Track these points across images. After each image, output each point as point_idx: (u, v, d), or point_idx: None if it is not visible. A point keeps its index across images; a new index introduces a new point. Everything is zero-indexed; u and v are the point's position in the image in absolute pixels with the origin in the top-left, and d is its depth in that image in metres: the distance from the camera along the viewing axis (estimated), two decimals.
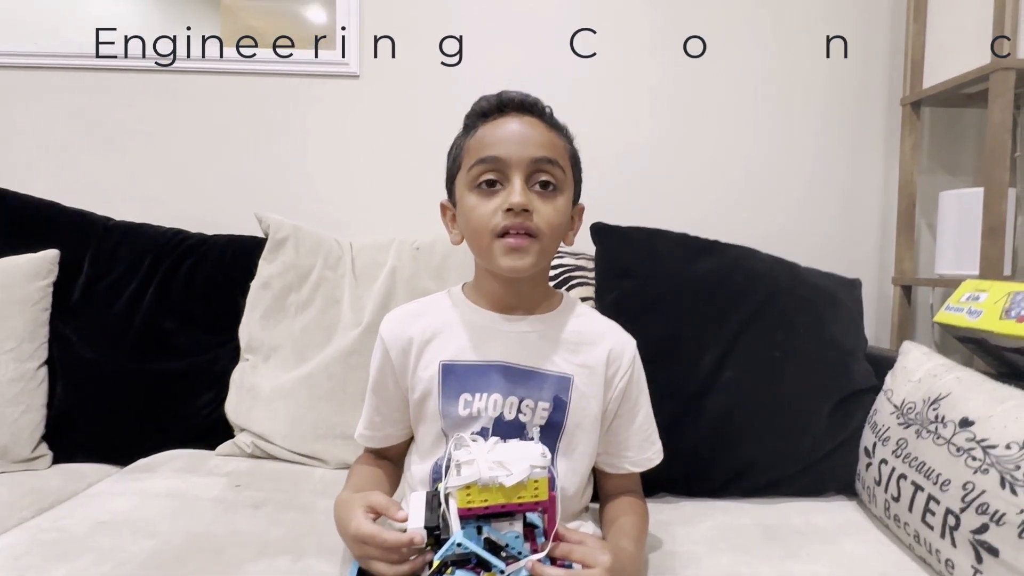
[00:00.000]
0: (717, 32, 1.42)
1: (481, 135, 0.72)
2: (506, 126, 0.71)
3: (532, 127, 0.72)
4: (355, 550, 0.63)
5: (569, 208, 0.75)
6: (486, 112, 0.74)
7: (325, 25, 1.43)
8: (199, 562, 0.73)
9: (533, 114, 0.73)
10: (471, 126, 0.75)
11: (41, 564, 0.71)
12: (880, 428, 0.93)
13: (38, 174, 1.39)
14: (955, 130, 1.46)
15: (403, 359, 0.76)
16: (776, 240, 1.22)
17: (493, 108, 0.73)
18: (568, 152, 0.75)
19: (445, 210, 0.79)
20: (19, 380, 1.06)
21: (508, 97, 0.73)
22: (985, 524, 0.68)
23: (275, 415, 1.08)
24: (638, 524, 0.75)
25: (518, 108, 0.73)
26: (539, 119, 0.73)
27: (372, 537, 0.60)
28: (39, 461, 1.06)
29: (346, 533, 0.65)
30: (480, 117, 0.74)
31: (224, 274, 1.20)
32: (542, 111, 0.74)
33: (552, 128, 0.74)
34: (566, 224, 0.75)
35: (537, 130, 0.72)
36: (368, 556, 0.61)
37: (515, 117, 0.72)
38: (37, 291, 1.11)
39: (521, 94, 0.73)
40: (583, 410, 0.75)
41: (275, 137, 1.43)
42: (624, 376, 0.77)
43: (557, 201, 0.72)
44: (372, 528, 0.61)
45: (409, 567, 0.60)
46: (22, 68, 1.40)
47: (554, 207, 0.71)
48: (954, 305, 0.96)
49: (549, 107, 0.75)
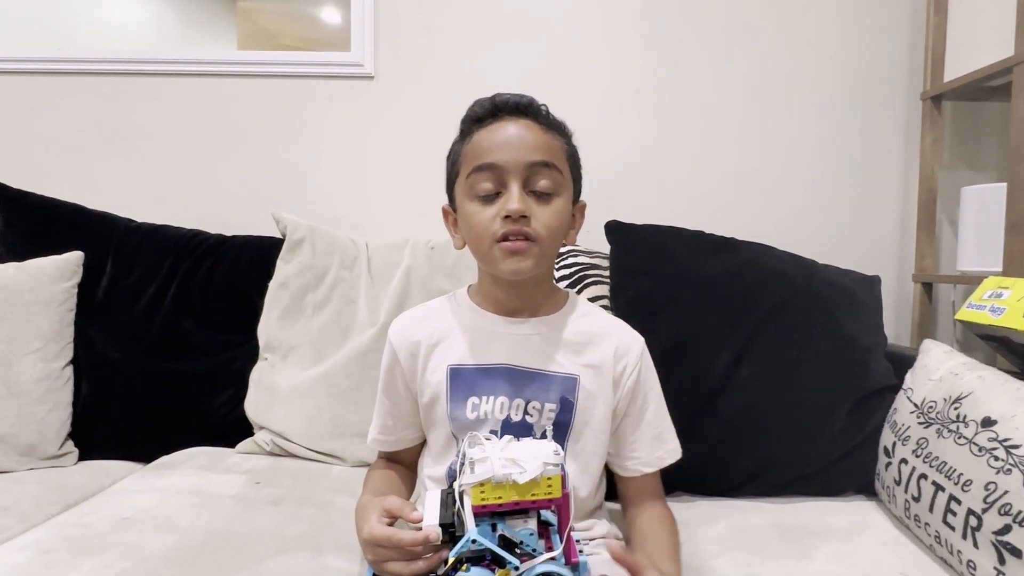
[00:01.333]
0: (735, 26, 1.41)
1: (477, 140, 0.71)
2: (501, 131, 0.71)
3: (527, 129, 0.71)
4: (370, 554, 0.63)
5: (568, 209, 0.74)
6: (481, 117, 0.73)
7: (340, 27, 1.44)
8: (219, 558, 0.74)
9: (528, 116, 0.72)
10: (466, 132, 0.74)
11: (67, 559, 0.73)
12: (900, 427, 0.91)
13: (62, 177, 1.42)
14: (977, 124, 1.43)
15: (411, 362, 0.77)
16: (793, 237, 1.22)
17: (487, 112, 0.72)
18: (566, 152, 0.74)
19: (447, 215, 0.79)
20: (46, 379, 1.09)
21: (502, 100, 0.72)
22: (1008, 525, 0.67)
23: (293, 413, 1.10)
24: (673, 541, 0.74)
25: (513, 111, 0.72)
26: (534, 120, 0.72)
27: (387, 539, 0.60)
28: (65, 458, 1.09)
29: (361, 537, 0.65)
30: (475, 122, 0.73)
31: (242, 275, 1.21)
32: (537, 112, 0.73)
33: (548, 129, 0.73)
34: (566, 225, 0.74)
35: (532, 132, 0.71)
36: (383, 559, 0.61)
37: (510, 120, 0.71)
38: (62, 292, 1.14)
39: (515, 96, 0.72)
40: (591, 410, 0.75)
41: (291, 139, 1.45)
42: (632, 374, 0.77)
43: (555, 204, 0.71)
44: (386, 530, 0.61)
45: (425, 565, 0.60)
46: (44, 74, 1.44)
47: (552, 211, 0.70)
48: (976, 302, 0.95)
49: (545, 106, 0.74)
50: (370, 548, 0.63)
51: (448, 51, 1.42)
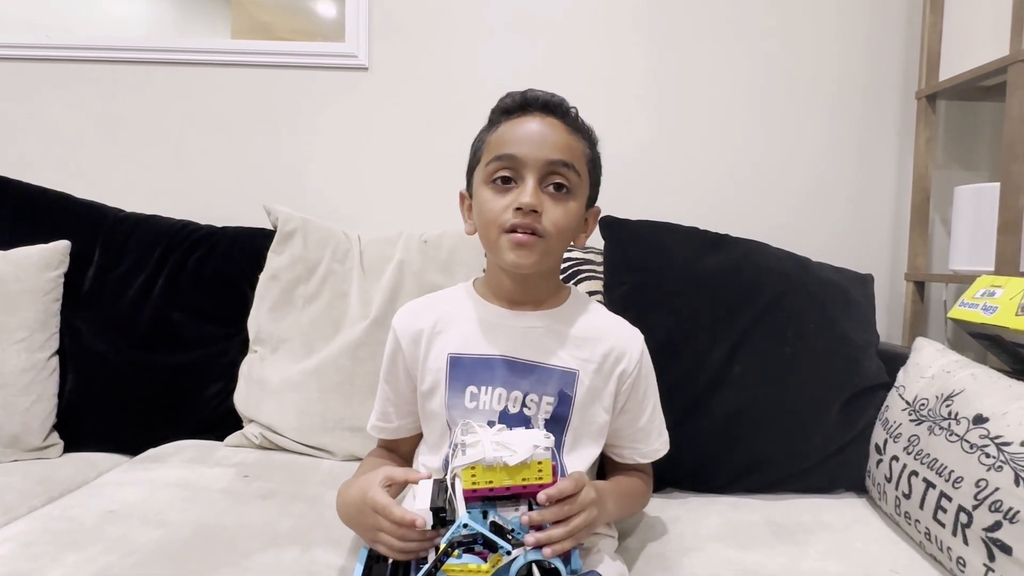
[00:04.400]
0: (729, 23, 1.41)
1: (502, 132, 0.73)
2: (526, 125, 0.72)
3: (552, 128, 0.72)
4: (368, 521, 0.62)
5: (581, 211, 0.75)
6: (509, 109, 0.74)
7: (335, 19, 1.42)
8: (208, 552, 0.73)
9: (556, 115, 0.73)
10: (495, 121, 0.75)
11: (51, 552, 0.72)
12: (891, 424, 0.92)
13: (50, 166, 1.40)
14: (971, 124, 1.43)
15: (414, 349, 0.77)
16: (787, 234, 1.21)
17: (516, 106, 0.73)
18: (586, 156, 0.75)
19: (463, 199, 0.80)
20: (30, 370, 1.07)
21: (533, 96, 0.73)
22: (998, 522, 0.67)
23: (283, 407, 1.09)
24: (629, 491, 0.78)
25: (542, 108, 0.73)
26: (561, 120, 0.73)
27: (384, 507, 0.60)
28: (50, 450, 1.08)
29: (358, 507, 0.64)
30: (503, 113, 0.74)
31: (233, 266, 1.20)
32: (565, 112, 0.74)
33: (574, 131, 0.74)
34: (576, 227, 0.75)
35: (557, 131, 0.72)
36: (379, 528, 0.61)
37: (537, 117, 0.72)
38: (48, 282, 1.12)
39: (547, 94, 0.73)
40: (589, 405, 0.75)
41: (284, 130, 1.43)
42: (633, 372, 0.77)
43: (568, 204, 0.72)
44: (386, 499, 0.61)
45: (417, 545, 0.60)
46: (34, 61, 1.41)
47: (564, 210, 0.71)
48: (969, 301, 0.95)
49: (575, 108, 0.75)
50: (369, 515, 0.62)
51: (443, 44, 1.41)
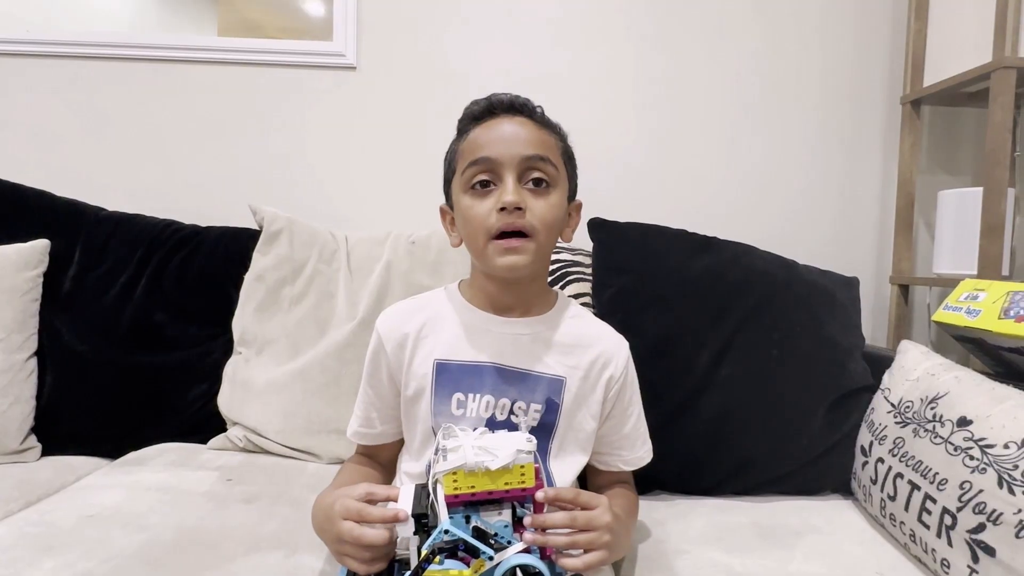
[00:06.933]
0: (715, 28, 1.42)
1: (473, 138, 0.73)
2: (497, 127, 0.72)
3: (522, 126, 0.72)
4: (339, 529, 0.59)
5: (564, 204, 0.75)
6: (477, 115, 0.74)
7: (323, 18, 1.41)
8: (190, 557, 0.72)
9: (523, 114, 0.74)
10: (463, 130, 0.75)
11: (29, 557, 0.70)
12: (877, 427, 0.92)
13: (30, 164, 1.37)
14: (954, 129, 1.45)
15: (398, 353, 0.76)
16: (774, 238, 1.22)
17: (483, 111, 0.74)
18: (560, 149, 0.75)
19: (444, 214, 0.80)
20: (8, 371, 1.05)
21: (497, 99, 0.74)
22: (982, 523, 0.67)
23: (268, 409, 1.07)
24: (627, 506, 0.76)
25: (508, 109, 0.73)
26: (529, 118, 0.74)
27: (358, 512, 0.58)
28: (28, 453, 1.05)
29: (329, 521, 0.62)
30: (472, 120, 0.75)
31: (217, 266, 1.18)
32: (532, 111, 0.75)
33: (543, 127, 0.74)
34: (561, 220, 0.75)
35: (527, 129, 0.72)
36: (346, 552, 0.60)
37: (505, 118, 0.73)
38: (27, 281, 1.10)
39: (510, 95, 0.74)
40: (575, 412, 0.75)
41: (270, 128, 1.42)
42: (619, 379, 0.77)
43: (550, 197, 0.72)
44: (358, 504, 0.59)
45: (385, 562, 0.59)
46: (13, 56, 1.38)
47: (547, 203, 0.71)
48: (953, 304, 0.96)
49: (540, 106, 0.76)
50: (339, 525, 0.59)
51: (431, 43, 1.40)
